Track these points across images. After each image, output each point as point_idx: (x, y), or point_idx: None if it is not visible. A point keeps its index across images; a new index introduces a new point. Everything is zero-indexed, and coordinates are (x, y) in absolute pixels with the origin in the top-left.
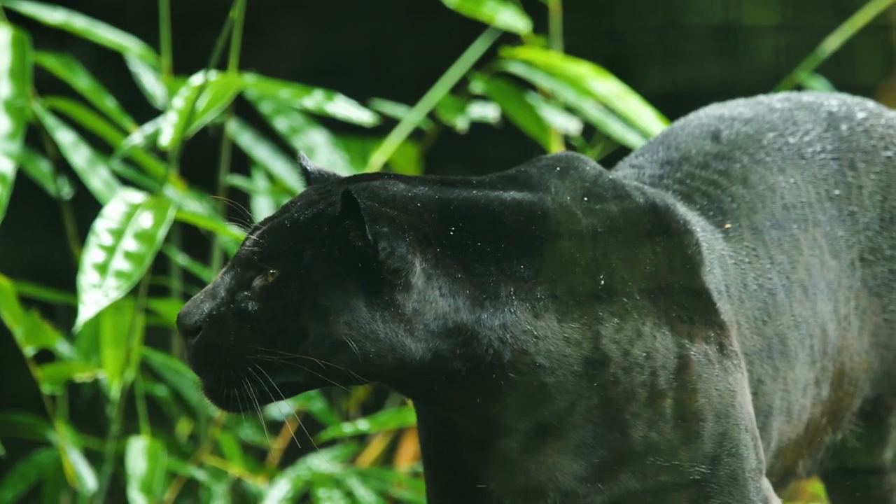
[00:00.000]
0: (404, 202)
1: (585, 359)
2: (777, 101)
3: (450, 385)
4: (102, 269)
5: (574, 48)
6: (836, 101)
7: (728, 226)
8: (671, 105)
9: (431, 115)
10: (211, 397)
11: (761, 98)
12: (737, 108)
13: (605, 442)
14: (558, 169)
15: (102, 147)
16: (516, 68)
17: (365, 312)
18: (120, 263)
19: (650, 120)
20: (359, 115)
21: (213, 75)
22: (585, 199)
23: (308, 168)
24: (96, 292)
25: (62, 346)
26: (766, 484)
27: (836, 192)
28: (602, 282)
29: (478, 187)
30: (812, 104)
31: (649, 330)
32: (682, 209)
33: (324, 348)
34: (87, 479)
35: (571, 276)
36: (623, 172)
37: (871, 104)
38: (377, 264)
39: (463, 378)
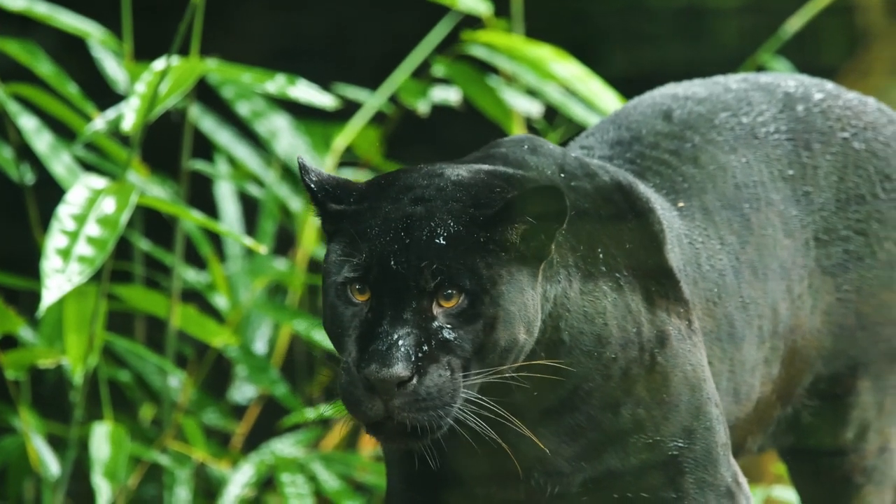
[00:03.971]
0: None
1: (595, 336)
2: (734, 81)
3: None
4: (65, 254)
5: (536, 31)
6: (794, 82)
7: (681, 204)
8: (635, 88)
9: (393, 99)
10: (402, 438)
11: (718, 78)
12: (692, 87)
13: (596, 423)
14: (526, 147)
15: (65, 133)
16: (478, 51)
17: (532, 307)
18: (83, 249)
19: (611, 102)
20: (321, 99)
21: (175, 60)
22: (562, 175)
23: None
24: (59, 277)
25: (25, 332)
26: (734, 460)
27: (790, 172)
28: (601, 256)
29: (472, 164)
30: (769, 85)
31: (636, 306)
32: (643, 187)
33: (509, 355)
34: (51, 464)
35: (581, 248)
36: (574, 153)
37: (829, 85)
38: (543, 255)
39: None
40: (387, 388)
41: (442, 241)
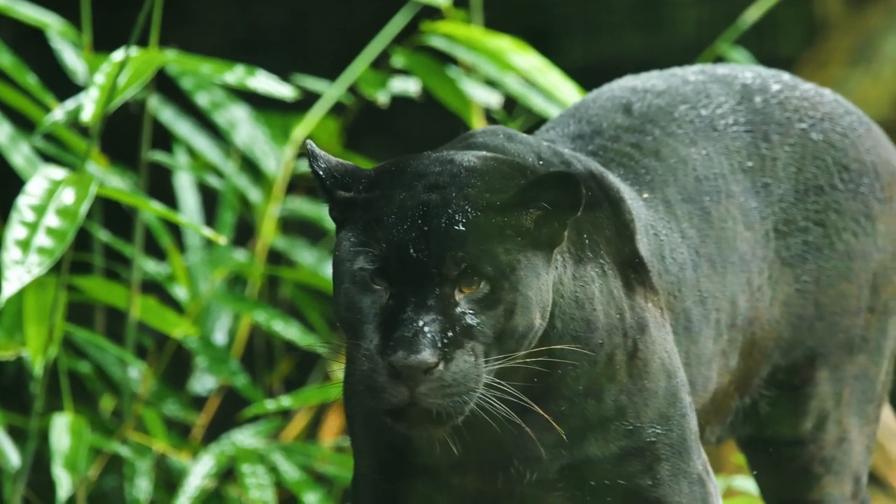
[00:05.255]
0: None
1: (585, 321)
2: (692, 73)
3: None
4: (25, 245)
5: (495, 21)
6: (751, 73)
7: (646, 196)
8: (593, 78)
9: (352, 90)
10: (425, 424)
11: (676, 70)
12: (650, 80)
13: (578, 410)
14: (502, 136)
15: (24, 124)
16: (437, 42)
17: (546, 292)
18: (42, 240)
19: (571, 94)
20: (280, 89)
21: (134, 51)
22: (540, 162)
23: (330, 164)
24: (19, 269)
25: None
26: (703, 449)
27: (750, 163)
28: (586, 242)
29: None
30: (727, 77)
31: (618, 292)
32: (612, 176)
33: (524, 340)
34: (11, 456)
35: (571, 234)
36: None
37: (786, 76)
38: (556, 241)
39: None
40: (413, 375)
41: (461, 228)
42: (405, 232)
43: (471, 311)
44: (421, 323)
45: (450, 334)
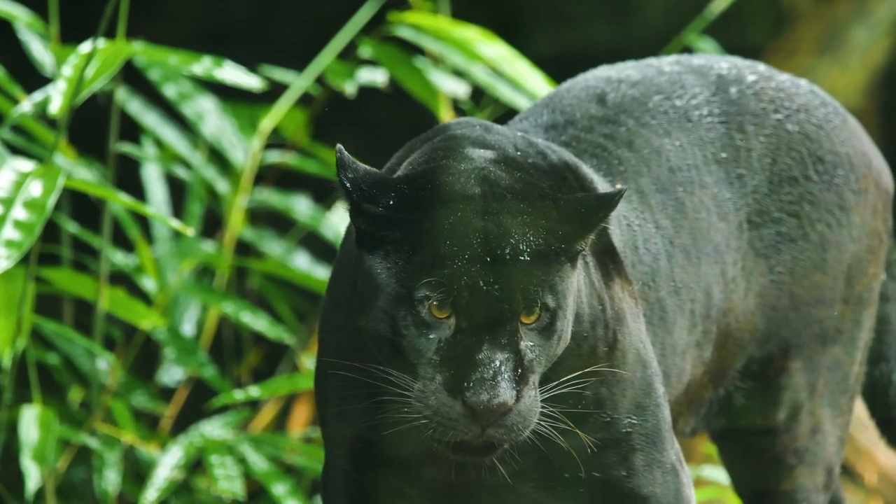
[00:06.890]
0: None
1: (574, 314)
2: (667, 64)
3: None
4: None
5: (462, 12)
6: (726, 64)
7: (619, 186)
8: (561, 68)
9: (320, 81)
10: (484, 454)
11: (651, 61)
12: (625, 70)
13: (559, 402)
14: (478, 127)
15: None
16: (404, 33)
17: (572, 310)
18: (10, 233)
19: (538, 83)
20: (247, 80)
21: (102, 43)
22: (518, 153)
23: (359, 171)
24: None
25: None
26: (676, 440)
27: (724, 154)
28: None
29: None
30: (702, 67)
31: (598, 283)
32: (586, 167)
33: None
34: None
35: None
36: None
37: (762, 67)
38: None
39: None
40: (491, 416)
41: (526, 259)
42: (469, 263)
43: (531, 343)
44: (498, 363)
45: (519, 371)
